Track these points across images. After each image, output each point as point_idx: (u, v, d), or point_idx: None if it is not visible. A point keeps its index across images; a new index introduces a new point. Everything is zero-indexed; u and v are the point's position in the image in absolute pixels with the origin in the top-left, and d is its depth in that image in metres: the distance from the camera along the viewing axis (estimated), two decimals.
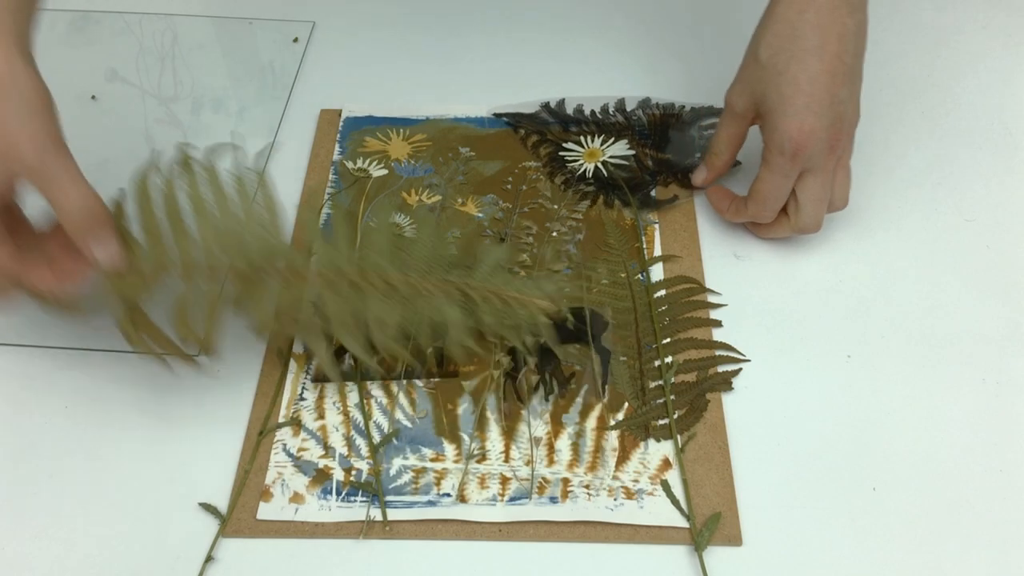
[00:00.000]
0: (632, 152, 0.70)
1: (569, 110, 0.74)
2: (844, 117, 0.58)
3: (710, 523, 0.51)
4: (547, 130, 0.72)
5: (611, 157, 0.70)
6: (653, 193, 0.68)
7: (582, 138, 0.71)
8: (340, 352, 0.59)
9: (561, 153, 0.71)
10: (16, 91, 0.49)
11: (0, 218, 0.51)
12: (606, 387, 0.57)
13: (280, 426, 0.56)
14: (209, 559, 0.50)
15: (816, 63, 0.56)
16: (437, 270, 0.50)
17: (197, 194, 0.51)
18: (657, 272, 0.63)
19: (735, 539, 0.51)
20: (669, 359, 0.58)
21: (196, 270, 0.50)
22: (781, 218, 0.62)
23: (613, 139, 0.71)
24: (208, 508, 0.52)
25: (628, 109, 0.73)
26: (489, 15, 0.84)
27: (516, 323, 0.53)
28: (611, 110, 0.73)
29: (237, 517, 0.52)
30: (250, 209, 0.52)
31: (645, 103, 0.74)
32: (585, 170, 0.69)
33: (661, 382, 0.57)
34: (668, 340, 0.59)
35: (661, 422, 0.56)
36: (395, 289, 0.49)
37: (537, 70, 0.79)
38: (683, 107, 0.73)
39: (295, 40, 0.82)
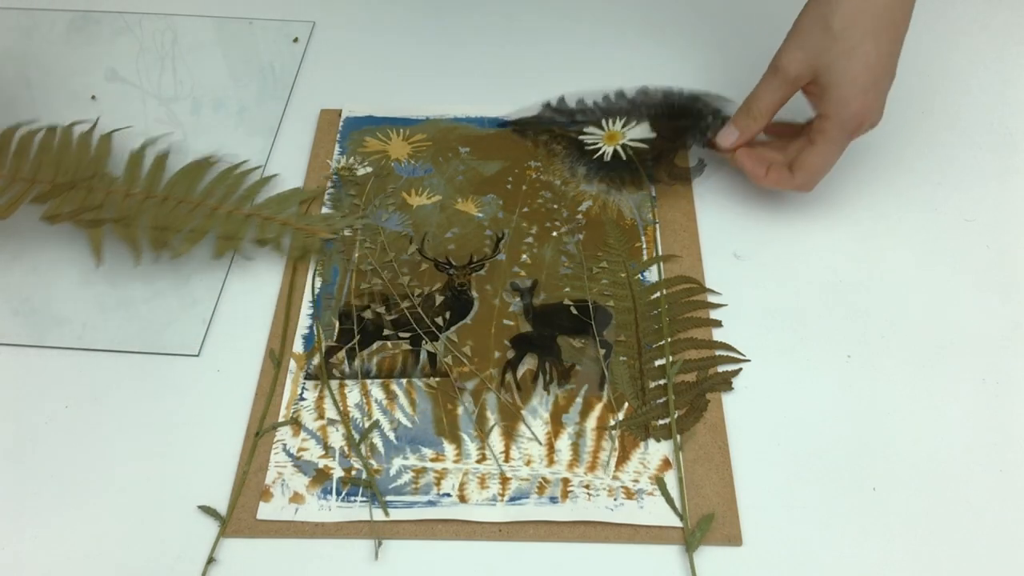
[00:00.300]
0: (653, 134, 0.70)
1: (571, 104, 0.74)
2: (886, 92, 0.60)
3: (702, 524, 0.51)
4: (555, 127, 0.72)
5: (631, 140, 0.69)
6: (677, 160, 0.68)
7: (602, 121, 0.71)
8: (337, 349, 0.59)
9: (581, 137, 0.70)
10: None
11: None
12: (606, 384, 0.57)
13: (276, 426, 0.56)
14: (211, 560, 0.50)
15: (888, 43, 0.57)
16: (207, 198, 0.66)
17: (50, 140, 0.69)
18: (655, 269, 0.63)
19: (735, 539, 0.51)
20: (670, 359, 0.58)
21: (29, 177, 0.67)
22: (784, 173, 0.63)
23: (634, 122, 0.71)
24: (207, 510, 0.52)
25: (628, 96, 0.73)
26: (489, 15, 0.84)
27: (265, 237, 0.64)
28: (612, 98, 0.73)
29: (237, 517, 0.52)
30: (84, 151, 0.69)
31: (643, 90, 0.73)
32: (604, 153, 0.69)
33: (661, 382, 0.57)
34: (668, 340, 0.59)
35: (661, 422, 0.56)
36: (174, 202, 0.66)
37: (536, 69, 0.79)
38: (680, 90, 0.73)
39: (295, 40, 0.81)
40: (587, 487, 0.53)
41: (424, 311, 0.61)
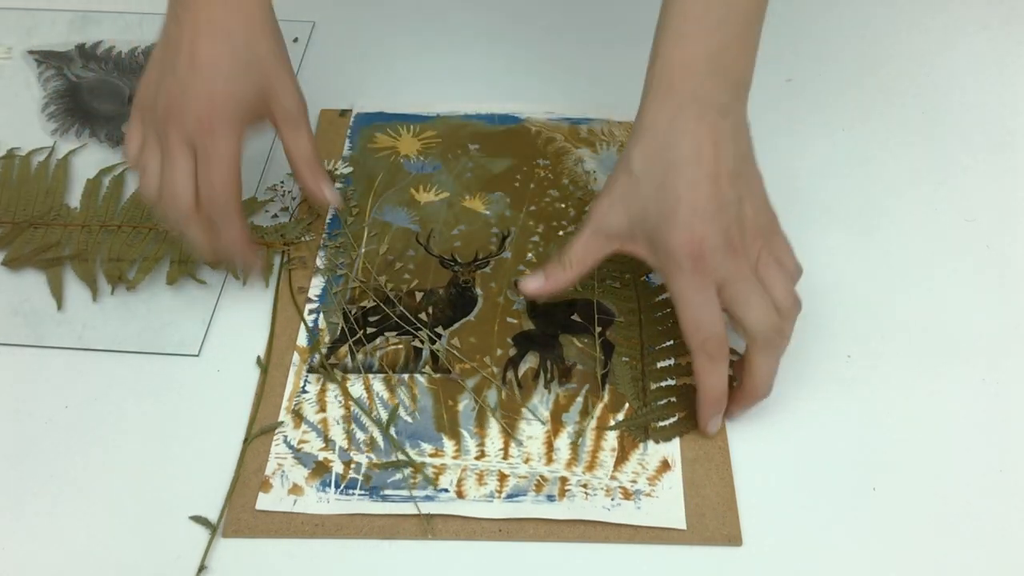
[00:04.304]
0: None
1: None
2: (742, 219, 0.52)
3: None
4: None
5: None
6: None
7: None
8: (339, 343, 0.59)
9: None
10: (276, 38, 0.60)
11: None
12: (606, 384, 0.57)
13: (265, 431, 0.55)
14: (202, 568, 0.50)
15: (694, 170, 0.51)
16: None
17: (9, 171, 0.69)
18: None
19: (735, 539, 0.51)
20: (672, 361, 0.58)
21: None
22: (735, 390, 0.55)
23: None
24: (200, 520, 0.52)
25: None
26: (488, 15, 0.84)
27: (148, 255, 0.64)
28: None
29: (236, 517, 0.52)
30: (42, 183, 0.69)
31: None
32: None
33: (663, 383, 0.57)
34: (672, 342, 0.59)
35: (661, 424, 0.56)
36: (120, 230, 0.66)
37: (537, 69, 0.79)
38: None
39: (295, 40, 0.81)
40: (584, 486, 0.53)
41: (428, 307, 0.61)
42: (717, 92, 0.53)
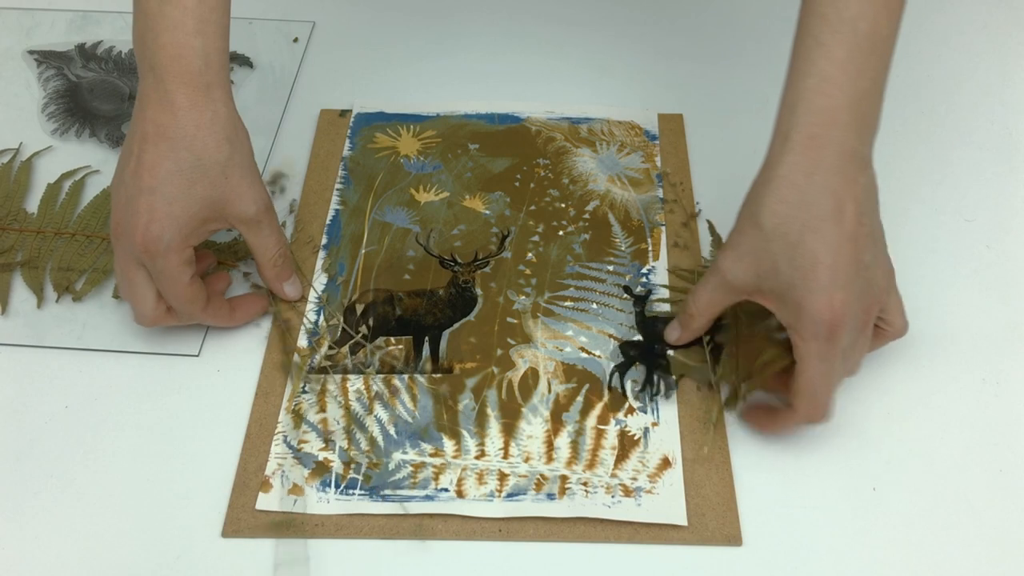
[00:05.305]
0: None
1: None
2: (872, 283, 0.50)
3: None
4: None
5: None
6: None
7: None
8: (339, 343, 0.59)
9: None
10: (238, 143, 0.55)
11: (198, 269, 0.56)
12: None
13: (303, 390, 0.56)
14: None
15: (835, 231, 0.48)
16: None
17: None
18: (662, 271, 0.63)
19: (735, 539, 0.51)
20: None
21: None
22: (786, 412, 0.54)
23: None
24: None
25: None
26: (488, 15, 0.84)
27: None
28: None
29: (236, 517, 0.52)
30: (3, 185, 0.68)
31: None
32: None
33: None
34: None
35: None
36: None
37: (537, 69, 0.79)
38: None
39: (295, 40, 0.82)
40: (585, 484, 0.53)
41: (428, 307, 0.61)
42: (858, 144, 0.50)
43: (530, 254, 0.65)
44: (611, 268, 0.64)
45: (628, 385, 0.58)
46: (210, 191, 0.54)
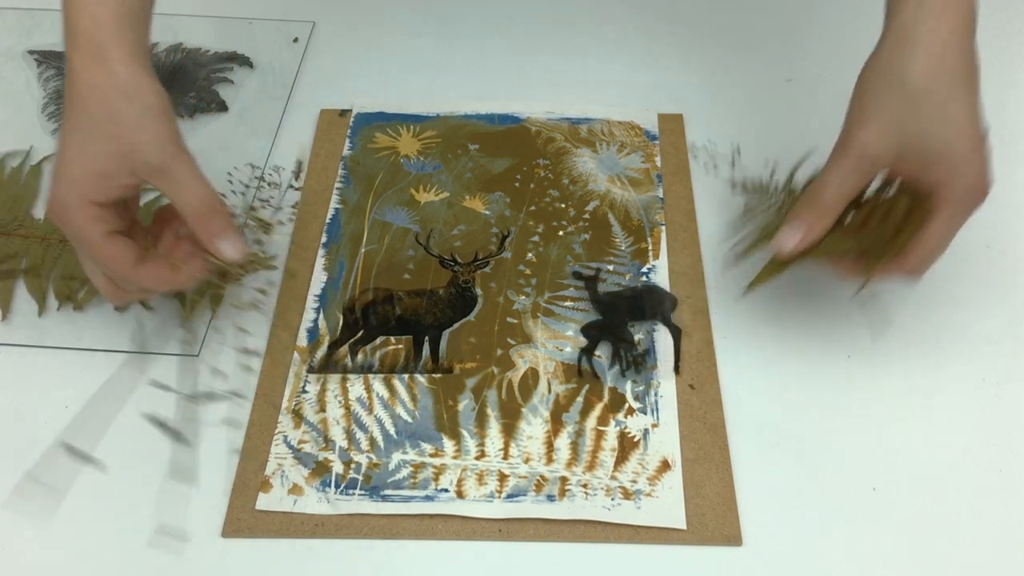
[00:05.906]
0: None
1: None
2: None
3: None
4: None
5: None
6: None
7: None
8: (340, 343, 0.59)
9: None
10: (139, 98, 0.52)
11: (123, 223, 0.54)
12: (679, 365, 0.58)
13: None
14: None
15: (971, 92, 0.49)
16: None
17: None
18: (662, 271, 0.63)
19: (735, 539, 0.51)
20: None
21: None
22: (885, 263, 0.53)
23: None
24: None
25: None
26: (488, 15, 0.84)
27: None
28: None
29: (236, 517, 0.52)
30: (11, 189, 0.68)
31: (175, 48, 0.69)
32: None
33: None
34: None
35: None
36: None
37: (537, 68, 0.79)
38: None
39: (295, 40, 0.82)
40: (585, 486, 0.53)
41: (428, 307, 0.61)
42: (976, 10, 0.50)
43: (530, 254, 0.65)
44: (611, 268, 0.64)
45: (595, 363, 0.58)
46: (105, 145, 0.52)
